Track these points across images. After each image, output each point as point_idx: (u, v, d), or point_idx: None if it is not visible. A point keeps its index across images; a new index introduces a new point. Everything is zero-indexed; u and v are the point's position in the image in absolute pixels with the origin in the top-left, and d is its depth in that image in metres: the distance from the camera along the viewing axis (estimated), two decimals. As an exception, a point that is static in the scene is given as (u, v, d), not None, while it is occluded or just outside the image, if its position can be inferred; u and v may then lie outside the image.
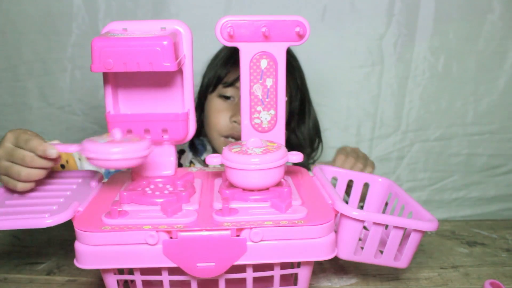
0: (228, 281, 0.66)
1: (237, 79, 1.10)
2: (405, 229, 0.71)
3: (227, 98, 1.14)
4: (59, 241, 0.98)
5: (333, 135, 1.35)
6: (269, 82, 0.77)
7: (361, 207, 0.87)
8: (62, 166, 0.93)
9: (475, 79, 1.30)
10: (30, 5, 1.25)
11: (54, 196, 0.71)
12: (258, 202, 0.66)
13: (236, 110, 1.11)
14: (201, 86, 1.20)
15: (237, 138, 1.13)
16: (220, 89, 1.14)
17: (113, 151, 0.62)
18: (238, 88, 1.10)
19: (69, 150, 0.68)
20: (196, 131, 0.79)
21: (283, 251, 0.62)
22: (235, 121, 1.11)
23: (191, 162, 1.20)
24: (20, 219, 0.63)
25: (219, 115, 1.14)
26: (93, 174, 0.79)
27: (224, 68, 1.14)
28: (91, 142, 0.63)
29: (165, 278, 0.65)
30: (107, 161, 0.62)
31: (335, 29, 1.27)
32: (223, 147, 0.70)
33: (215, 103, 1.15)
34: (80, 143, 0.65)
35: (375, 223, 0.69)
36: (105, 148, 0.62)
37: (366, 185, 0.86)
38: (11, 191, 0.73)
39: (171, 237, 0.61)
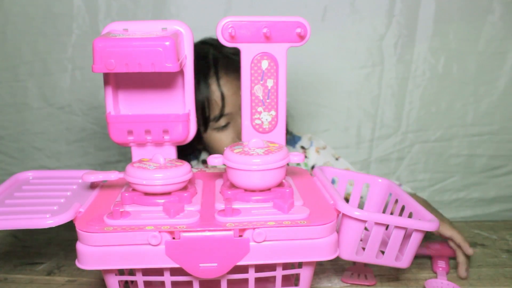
0: (229, 282, 0.66)
1: (223, 105, 1.06)
2: (406, 229, 0.71)
3: (224, 127, 1.09)
4: (59, 241, 0.98)
5: (333, 136, 1.34)
6: (270, 83, 0.77)
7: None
8: None
9: (475, 80, 1.30)
10: (30, 5, 1.25)
11: (54, 197, 0.71)
12: (260, 203, 0.66)
13: (239, 128, 1.05)
14: None
15: None
16: (212, 125, 1.09)
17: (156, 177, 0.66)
18: (229, 113, 1.07)
19: (110, 178, 0.70)
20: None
21: (286, 252, 0.62)
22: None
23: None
24: (20, 219, 0.63)
25: (227, 144, 1.08)
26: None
27: (201, 102, 1.07)
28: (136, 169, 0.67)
29: (167, 278, 0.65)
30: (152, 186, 0.66)
31: (335, 30, 1.27)
32: (225, 148, 0.71)
33: (215, 137, 1.10)
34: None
35: (376, 223, 0.69)
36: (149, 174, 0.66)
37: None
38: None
39: (173, 238, 0.61)
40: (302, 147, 1.18)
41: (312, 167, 1.15)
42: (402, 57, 1.29)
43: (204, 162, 1.20)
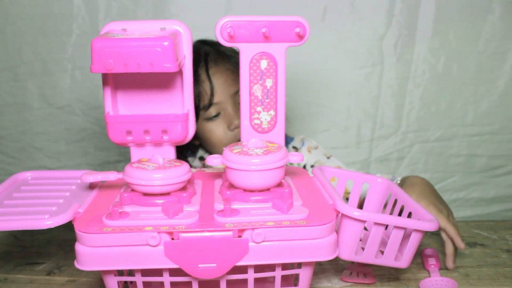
0: (228, 282, 0.65)
1: (212, 94, 1.08)
2: (405, 229, 0.71)
3: (214, 117, 1.11)
4: (59, 241, 0.98)
5: (333, 136, 1.35)
6: (269, 82, 0.77)
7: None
8: None
9: (475, 80, 1.30)
10: (30, 5, 1.25)
11: (53, 197, 0.71)
12: (259, 203, 0.66)
13: (229, 118, 1.10)
14: None
15: None
16: (202, 115, 1.10)
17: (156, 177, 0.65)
18: (218, 102, 1.09)
19: (109, 178, 0.70)
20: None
21: (285, 252, 0.62)
22: (235, 128, 1.10)
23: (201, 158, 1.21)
24: (19, 220, 0.63)
25: (217, 134, 1.11)
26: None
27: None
28: (135, 169, 0.67)
29: (166, 279, 0.64)
30: (151, 187, 0.65)
31: (335, 30, 1.27)
32: (224, 148, 0.70)
33: (206, 127, 1.12)
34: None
35: (375, 224, 0.69)
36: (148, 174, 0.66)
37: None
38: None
39: (172, 238, 0.61)
40: (294, 147, 1.19)
41: (304, 167, 1.15)
42: (402, 57, 1.29)
43: (202, 159, 1.20)
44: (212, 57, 1.11)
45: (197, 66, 1.09)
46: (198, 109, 1.09)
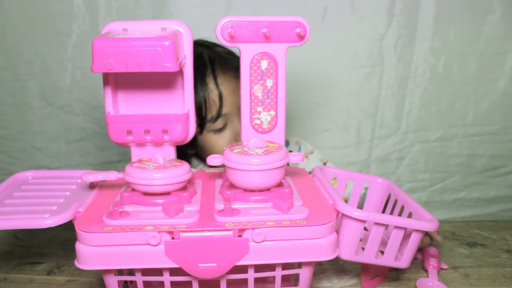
0: (229, 282, 0.66)
1: (221, 104, 1.02)
2: (405, 229, 0.71)
3: (221, 129, 1.05)
4: (59, 241, 0.98)
5: (333, 136, 1.34)
6: (269, 82, 0.77)
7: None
8: None
9: (476, 80, 1.30)
10: (30, 5, 1.25)
11: (53, 196, 0.71)
12: (259, 203, 0.66)
13: (237, 130, 1.05)
14: None
15: None
16: (209, 126, 1.04)
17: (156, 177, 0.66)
18: (226, 113, 1.03)
19: (110, 178, 0.70)
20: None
21: (285, 252, 0.62)
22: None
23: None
24: (19, 219, 0.63)
25: (221, 146, 1.04)
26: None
27: (198, 102, 1.01)
28: (135, 169, 0.67)
29: (167, 278, 0.65)
30: (151, 186, 0.66)
31: (335, 30, 1.27)
32: (224, 148, 0.71)
33: (211, 139, 1.06)
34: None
35: (376, 224, 0.69)
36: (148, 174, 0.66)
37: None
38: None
39: (173, 238, 0.61)
40: (291, 152, 1.17)
41: None
42: (402, 57, 1.29)
43: None
44: (218, 63, 1.05)
45: (203, 72, 1.03)
46: (204, 120, 1.03)
